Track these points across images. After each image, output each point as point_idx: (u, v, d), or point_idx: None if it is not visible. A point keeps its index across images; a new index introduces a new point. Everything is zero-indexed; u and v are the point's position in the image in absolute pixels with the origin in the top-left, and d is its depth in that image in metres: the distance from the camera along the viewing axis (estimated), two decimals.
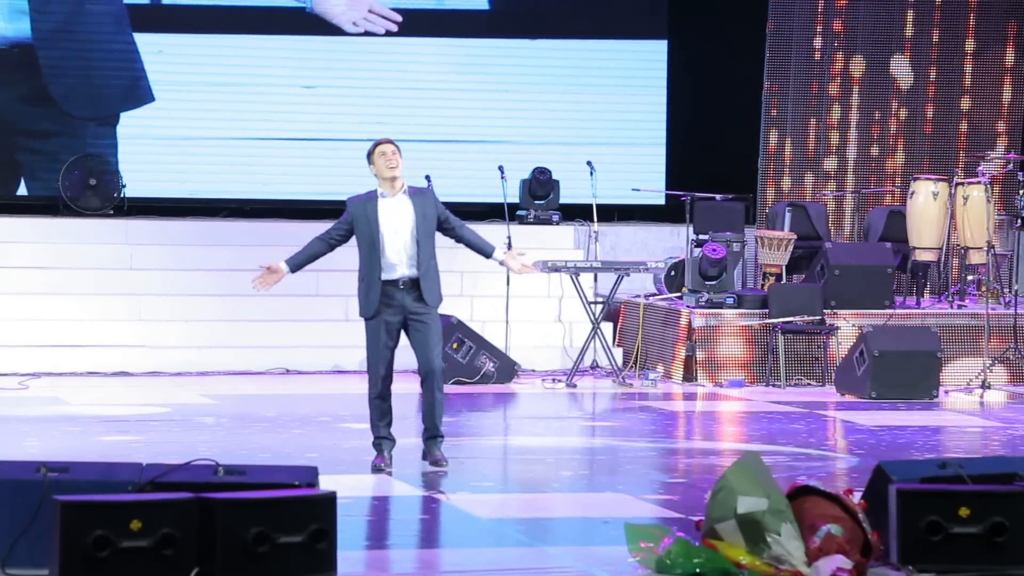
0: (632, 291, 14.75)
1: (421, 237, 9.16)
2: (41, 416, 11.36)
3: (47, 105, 15.19)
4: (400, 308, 9.15)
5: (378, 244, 9.11)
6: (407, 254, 9.17)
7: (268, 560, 6.37)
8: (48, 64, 15.14)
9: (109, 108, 15.37)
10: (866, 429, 11.36)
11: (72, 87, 15.25)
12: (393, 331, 9.17)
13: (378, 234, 9.12)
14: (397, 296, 9.14)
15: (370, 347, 9.18)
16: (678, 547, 6.64)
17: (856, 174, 16.08)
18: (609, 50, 16.22)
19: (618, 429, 11.63)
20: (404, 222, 9.18)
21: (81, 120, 15.27)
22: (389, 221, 9.19)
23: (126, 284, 14.16)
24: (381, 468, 9.27)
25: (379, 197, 9.25)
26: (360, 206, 9.22)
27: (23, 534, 6.52)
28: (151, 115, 15.56)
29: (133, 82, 15.40)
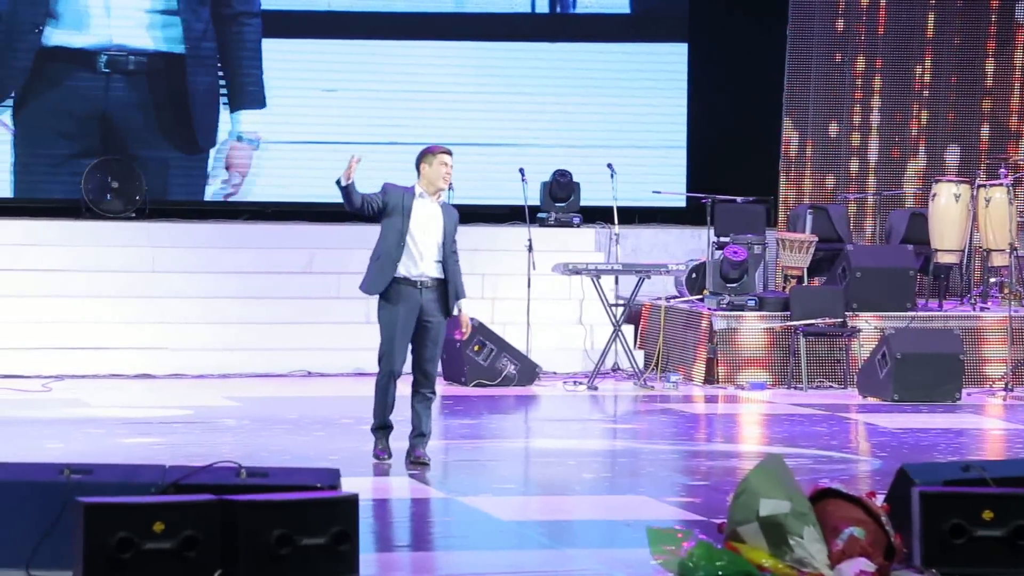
0: (653, 293, 14.74)
1: (447, 245, 9.40)
2: (64, 418, 11.39)
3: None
4: (417, 307, 9.35)
5: (405, 235, 9.31)
6: (434, 257, 9.38)
7: (290, 562, 6.38)
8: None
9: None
10: (888, 432, 11.34)
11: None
12: (409, 330, 9.36)
13: (407, 227, 9.31)
14: (416, 295, 9.34)
15: (385, 341, 9.38)
16: (700, 550, 6.64)
17: (877, 176, 16.05)
18: (630, 53, 16.22)
19: (639, 431, 11.63)
20: (435, 226, 9.40)
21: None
22: (421, 221, 9.39)
23: (148, 287, 14.20)
24: (385, 459, 9.49)
25: (416, 195, 9.42)
26: (398, 195, 9.43)
27: (47, 536, 6.55)
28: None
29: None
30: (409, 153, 9.91)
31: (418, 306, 9.34)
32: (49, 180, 15.29)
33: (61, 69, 15.18)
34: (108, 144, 15.30)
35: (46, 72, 15.18)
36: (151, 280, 14.26)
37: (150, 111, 15.36)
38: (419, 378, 9.45)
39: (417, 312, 9.35)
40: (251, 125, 15.61)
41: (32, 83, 15.17)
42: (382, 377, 9.47)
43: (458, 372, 13.59)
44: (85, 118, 15.27)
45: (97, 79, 15.24)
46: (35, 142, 15.27)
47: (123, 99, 15.32)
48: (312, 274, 14.50)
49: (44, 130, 15.26)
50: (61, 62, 15.18)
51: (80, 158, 15.15)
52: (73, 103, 15.24)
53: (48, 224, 14.57)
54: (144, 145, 15.41)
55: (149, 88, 15.35)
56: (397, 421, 9.68)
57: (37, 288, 13.96)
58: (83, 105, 15.26)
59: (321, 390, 13.15)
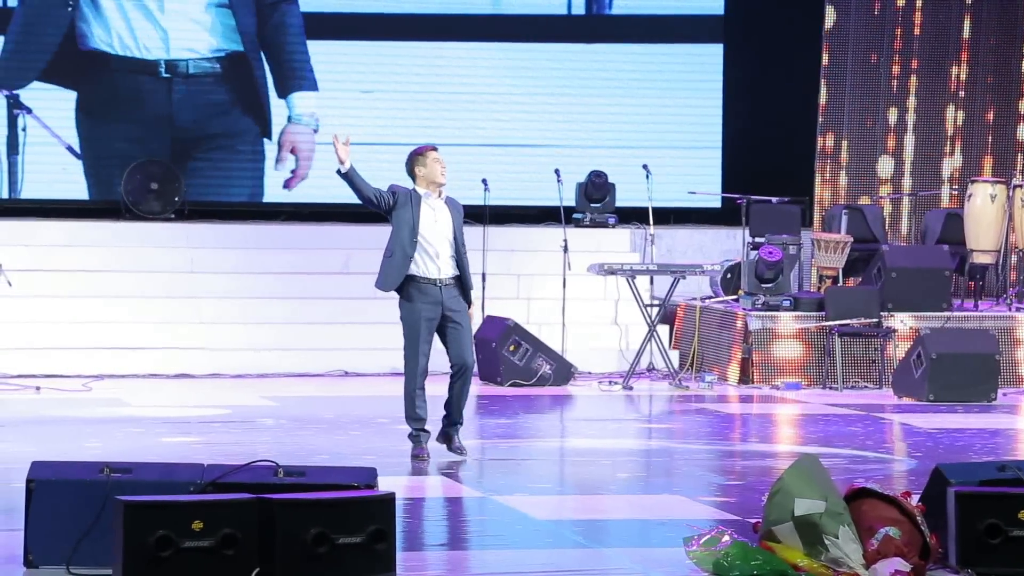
0: (688, 294, 14.75)
1: (458, 241, 9.54)
2: (104, 417, 11.48)
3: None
4: (439, 305, 9.49)
5: (417, 233, 9.45)
6: (448, 254, 9.52)
7: (328, 560, 6.43)
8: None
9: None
10: (924, 432, 11.33)
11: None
12: (432, 328, 9.51)
13: (418, 227, 9.46)
14: (435, 294, 9.49)
15: (409, 342, 9.53)
16: (735, 549, 6.66)
17: (913, 176, 16.02)
18: (665, 54, 16.23)
19: (674, 431, 11.65)
20: (445, 224, 9.55)
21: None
22: (430, 220, 9.54)
23: (187, 287, 14.29)
24: (423, 458, 9.61)
25: (422, 197, 9.56)
26: (405, 194, 9.59)
27: (87, 534, 6.61)
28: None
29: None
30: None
31: (439, 303, 9.51)
32: (118, 183, 15.43)
33: (122, 75, 15.30)
34: (173, 146, 15.43)
35: (106, 78, 15.29)
36: (190, 281, 14.35)
37: (211, 111, 15.48)
38: (459, 369, 9.57)
39: (439, 309, 9.51)
40: (306, 109, 15.68)
41: (94, 88, 15.25)
42: (408, 381, 9.61)
43: (494, 372, 13.63)
44: (150, 121, 15.37)
45: (159, 83, 15.36)
46: (104, 147, 15.39)
47: (184, 102, 15.43)
48: (349, 274, 14.56)
49: (111, 135, 15.36)
50: (122, 71, 15.29)
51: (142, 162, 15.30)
52: (137, 108, 15.33)
53: (88, 225, 14.68)
54: (203, 147, 15.52)
55: (209, 90, 15.46)
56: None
57: (77, 289, 14.07)
58: (146, 109, 15.36)
59: (358, 390, 13.21)
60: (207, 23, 15.48)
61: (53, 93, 15.34)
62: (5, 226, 14.16)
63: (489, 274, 14.41)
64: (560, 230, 14.51)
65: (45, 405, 12.07)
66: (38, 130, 15.31)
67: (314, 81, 15.61)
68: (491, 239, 14.54)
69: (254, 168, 15.68)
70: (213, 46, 15.49)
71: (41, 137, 15.33)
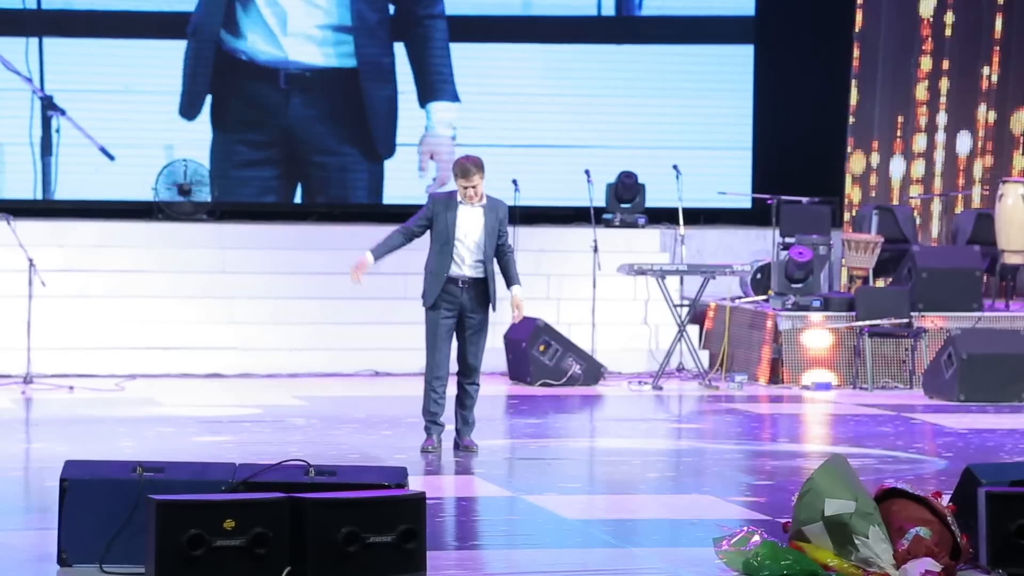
0: (718, 294, 14.75)
1: (487, 245, 9.78)
2: (136, 417, 11.54)
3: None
4: (458, 305, 9.76)
5: (451, 243, 9.72)
6: (473, 258, 9.78)
7: (358, 559, 6.46)
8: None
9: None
10: (954, 432, 11.31)
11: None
12: (449, 325, 9.79)
13: (453, 235, 9.74)
14: (457, 294, 9.75)
15: (428, 336, 9.84)
16: (765, 549, 6.66)
17: (944, 177, 15.98)
18: (696, 54, 16.22)
19: (704, 431, 11.65)
20: (476, 228, 9.79)
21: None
22: (464, 226, 9.80)
23: (219, 287, 14.35)
24: (430, 450, 9.82)
25: (459, 203, 9.81)
26: (442, 205, 9.83)
27: (120, 533, 6.65)
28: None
29: None
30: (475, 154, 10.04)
31: (459, 305, 9.77)
32: (239, 185, 15.51)
33: (247, 83, 15.40)
34: (291, 152, 15.52)
35: (234, 85, 15.38)
36: (221, 281, 14.41)
37: (327, 122, 15.57)
38: (462, 370, 9.88)
39: (458, 311, 9.77)
40: (443, 118, 15.71)
41: (222, 94, 15.38)
42: (426, 383, 9.93)
43: (523, 372, 13.65)
44: (270, 128, 15.50)
45: (279, 94, 15.46)
46: (228, 149, 15.49)
47: (302, 112, 15.53)
48: (379, 275, 14.55)
49: (233, 139, 15.47)
50: (246, 77, 15.40)
51: (263, 165, 15.39)
52: (259, 114, 15.46)
53: (120, 226, 14.75)
54: (323, 153, 15.62)
55: (327, 100, 15.55)
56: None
57: (110, 289, 14.14)
58: (267, 116, 15.49)
59: (388, 389, 13.25)
60: (323, 39, 15.59)
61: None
62: (38, 227, 14.24)
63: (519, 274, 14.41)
64: (590, 230, 14.52)
65: (78, 405, 12.14)
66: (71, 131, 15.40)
67: (454, 93, 15.70)
68: (521, 240, 14.56)
69: (369, 177, 15.80)
70: (325, 63, 15.59)
71: (74, 138, 15.41)
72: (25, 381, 12.85)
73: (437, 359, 9.80)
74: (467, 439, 9.92)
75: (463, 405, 9.91)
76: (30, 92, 15.26)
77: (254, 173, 15.67)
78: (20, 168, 15.40)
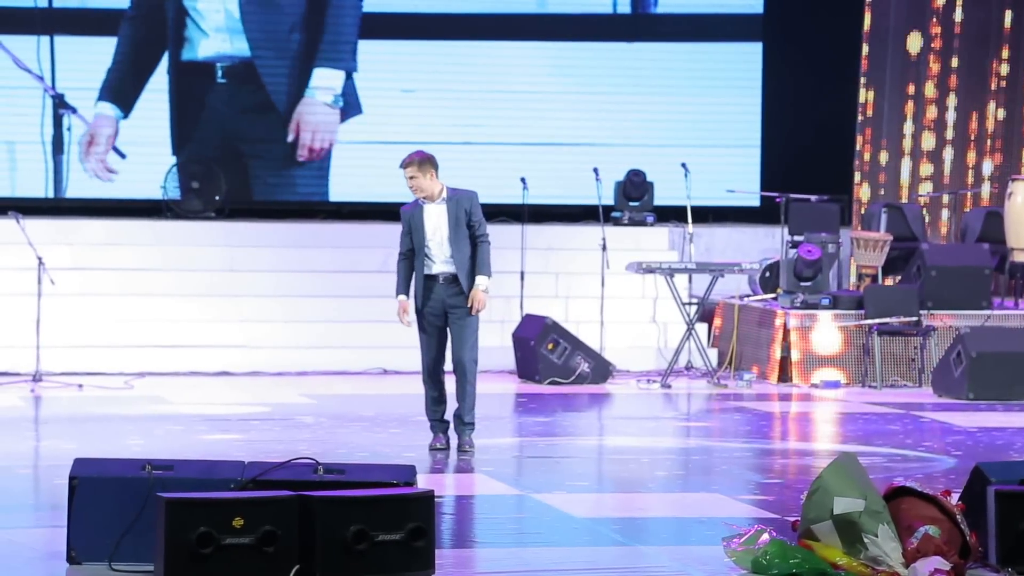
0: (726, 292, 14.74)
1: (454, 239, 9.82)
2: (145, 415, 11.55)
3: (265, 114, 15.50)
4: (440, 301, 9.85)
5: (423, 244, 9.87)
6: (445, 254, 9.84)
7: (367, 557, 6.46)
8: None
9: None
10: (963, 430, 11.29)
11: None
12: (435, 322, 9.87)
13: (423, 238, 9.88)
14: (437, 290, 9.85)
15: (419, 338, 9.96)
16: (774, 547, 6.66)
17: (953, 175, 15.96)
18: (704, 52, 16.21)
19: (713, 430, 11.64)
20: (440, 226, 9.87)
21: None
22: (430, 224, 9.89)
23: (227, 286, 14.36)
24: (437, 448, 9.89)
25: (422, 204, 9.94)
26: (409, 214, 10.01)
27: (128, 530, 6.65)
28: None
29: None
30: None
31: (441, 301, 9.85)
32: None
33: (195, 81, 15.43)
34: (218, 146, 15.54)
35: (181, 85, 15.39)
36: (230, 279, 14.42)
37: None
38: (454, 367, 9.94)
39: (442, 307, 9.85)
40: (323, 83, 15.60)
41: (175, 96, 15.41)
42: (423, 384, 10.02)
43: (532, 370, 13.65)
44: (204, 123, 15.51)
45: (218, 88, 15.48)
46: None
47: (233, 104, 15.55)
48: (388, 273, 14.53)
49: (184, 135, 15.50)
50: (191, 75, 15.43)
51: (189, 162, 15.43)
52: (198, 111, 15.49)
53: (129, 224, 14.77)
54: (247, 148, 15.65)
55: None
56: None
57: (119, 287, 14.15)
58: (205, 112, 15.51)
59: (397, 388, 13.25)
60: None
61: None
62: (47, 225, 14.25)
63: (528, 272, 14.43)
64: (599, 229, 14.52)
65: (87, 403, 12.15)
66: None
67: (349, 62, 15.61)
68: (530, 238, 14.56)
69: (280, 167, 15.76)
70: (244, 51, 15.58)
71: None
72: (34, 379, 12.87)
73: (426, 359, 9.91)
74: (462, 439, 9.95)
75: (459, 403, 9.95)
76: (42, 90, 15.28)
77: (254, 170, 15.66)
78: (32, 166, 15.42)
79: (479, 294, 9.81)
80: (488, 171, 15.38)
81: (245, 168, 15.65)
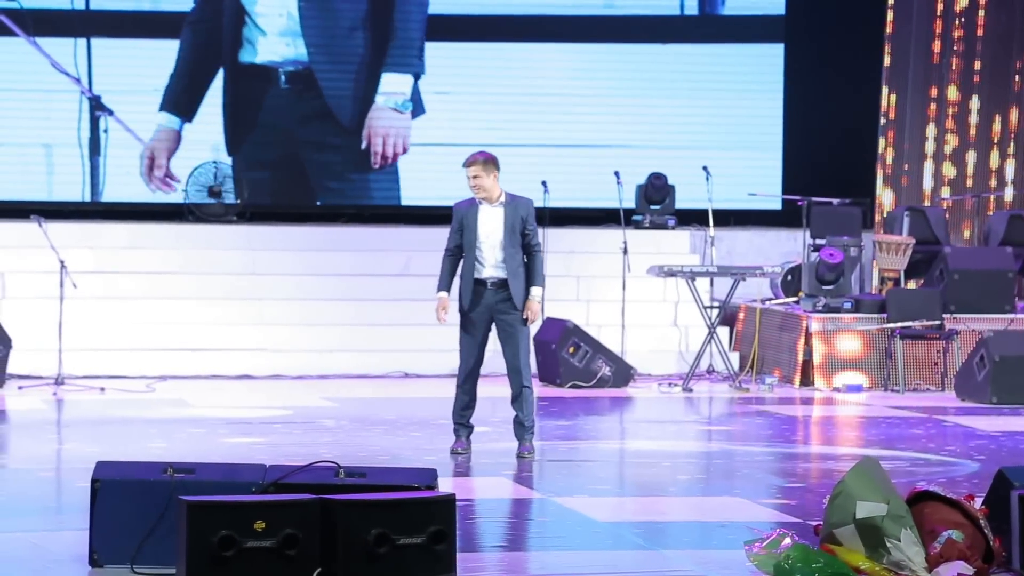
0: (748, 296, 14.71)
1: (507, 244, 9.73)
2: (167, 418, 11.57)
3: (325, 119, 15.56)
4: (487, 307, 9.76)
5: (475, 245, 9.76)
6: (496, 259, 9.76)
7: (388, 561, 6.45)
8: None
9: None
10: (987, 435, 11.25)
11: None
12: (480, 326, 9.78)
13: (475, 238, 9.77)
14: (485, 295, 9.76)
15: (460, 339, 9.86)
16: (797, 552, 6.64)
17: (975, 178, 15.91)
18: (725, 54, 16.19)
19: (735, 433, 11.62)
20: (495, 230, 9.78)
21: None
22: (485, 226, 9.81)
23: (249, 289, 14.39)
24: (458, 452, 9.84)
25: (479, 204, 9.84)
26: (464, 212, 9.88)
27: (150, 533, 6.66)
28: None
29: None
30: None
31: (488, 306, 9.77)
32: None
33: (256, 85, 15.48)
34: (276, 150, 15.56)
35: (241, 87, 15.43)
36: (251, 283, 14.44)
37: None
38: (508, 373, 9.87)
39: (489, 313, 9.78)
40: (392, 87, 15.64)
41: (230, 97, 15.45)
42: (458, 382, 9.96)
43: (553, 373, 13.64)
44: (271, 127, 15.56)
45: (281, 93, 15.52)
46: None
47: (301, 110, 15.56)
48: (409, 276, 14.61)
49: (247, 140, 15.57)
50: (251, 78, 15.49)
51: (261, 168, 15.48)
52: (255, 115, 15.53)
53: (151, 227, 14.80)
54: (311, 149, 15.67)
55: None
56: None
57: (141, 290, 14.19)
58: (262, 115, 15.54)
59: (418, 391, 13.26)
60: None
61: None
62: (69, 228, 14.29)
63: (549, 276, 14.35)
64: (620, 232, 14.51)
65: (109, 406, 12.18)
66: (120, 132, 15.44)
67: (417, 66, 15.62)
68: (551, 241, 14.56)
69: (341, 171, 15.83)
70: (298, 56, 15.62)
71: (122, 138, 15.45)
72: (56, 382, 12.90)
73: (464, 361, 9.85)
74: (521, 445, 9.90)
75: (515, 409, 9.87)
76: (78, 93, 15.33)
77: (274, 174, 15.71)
78: (68, 168, 15.45)
79: (534, 305, 9.76)
80: (508, 174, 15.31)
81: (305, 173, 15.70)
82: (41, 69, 15.24)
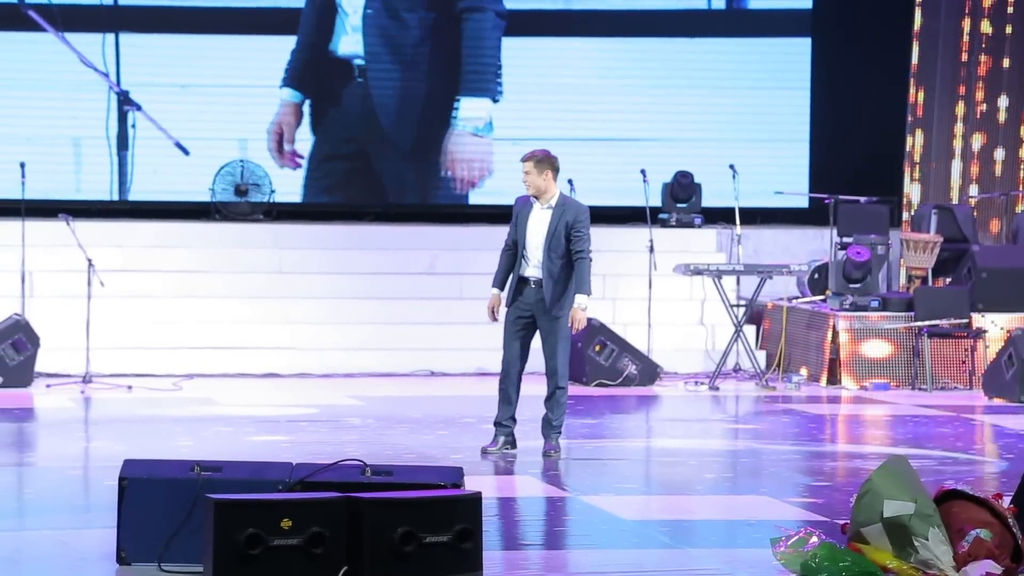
0: (775, 294, 14.68)
1: (549, 247, 9.73)
2: (194, 416, 11.60)
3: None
4: (530, 305, 9.77)
5: (523, 243, 9.81)
6: (537, 259, 9.78)
7: (415, 559, 6.46)
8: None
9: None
10: (1015, 433, 11.21)
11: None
12: (522, 324, 9.78)
13: (524, 235, 9.81)
14: (527, 292, 9.78)
15: (503, 336, 9.83)
16: (824, 550, 6.62)
17: (1004, 176, 15.84)
18: (752, 48, 16.15)
19: (761, 432, 11.60)
20: (540, 231, 9.79)
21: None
22: (532, 226, 9.83)
23: (275, 288, 14.41)
24: (490, 451, 9.86)
25: (533, 203, 9.87)
26: (519, 208, 9.93)
27: (178, 531, 6.68)
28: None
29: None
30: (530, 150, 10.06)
31: (529, 304, 9.78)
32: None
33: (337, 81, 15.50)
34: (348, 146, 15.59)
35: (321, 78, 15.52)
36: (278, 281, 14.47)
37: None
38: (546, 372, 9.86)
39: (529, 310, 9.77)
40: (471, 113, 15.66)
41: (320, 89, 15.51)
42: (500, 377, 9.92)
43: (579, 372, 13.63)
44: (354, 122, 15.58)
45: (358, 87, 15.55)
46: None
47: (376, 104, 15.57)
48: (435, 275, 14.62)
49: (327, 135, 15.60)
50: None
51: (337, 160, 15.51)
52: (344, 106, 15.57)
53: (178, 226, 14.83)
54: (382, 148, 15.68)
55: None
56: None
57: (168, 289, 14.22)
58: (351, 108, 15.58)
59: (444, 389, 13.27)
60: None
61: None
62: (97, 227, 14.32)
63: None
64: (646, 230, 14.49)
65: (136, 404, 12.21)
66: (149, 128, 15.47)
67: (495, 91, 15.66)
68: None
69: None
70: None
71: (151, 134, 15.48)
72: (84, 380, 12.95)
73: (505, 358, 9.84)
74: (546, 443, 9.90)
75: (546, 408, 9.90)
76: (107, 87, 15.37)
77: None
78: (96, 163, 15.49)
79: (579, 313, 9.73)
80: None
81: (374, 171, 15.74)
82: (69, 64, 15.29)
